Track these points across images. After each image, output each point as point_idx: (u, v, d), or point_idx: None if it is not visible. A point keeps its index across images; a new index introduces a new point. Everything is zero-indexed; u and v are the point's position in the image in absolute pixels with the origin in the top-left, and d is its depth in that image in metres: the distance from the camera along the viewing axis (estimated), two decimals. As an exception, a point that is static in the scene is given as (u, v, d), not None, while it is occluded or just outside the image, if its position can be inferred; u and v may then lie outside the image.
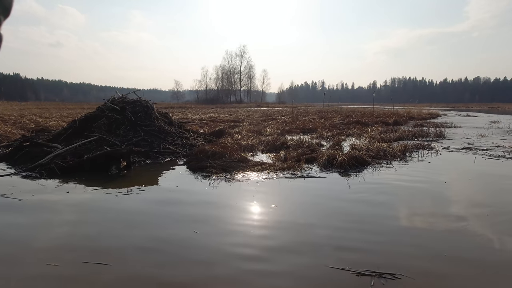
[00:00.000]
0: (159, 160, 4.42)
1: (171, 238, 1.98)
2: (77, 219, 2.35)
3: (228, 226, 2.14)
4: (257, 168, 3.79)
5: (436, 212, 2.42)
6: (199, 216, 2.33)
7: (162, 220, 2.28)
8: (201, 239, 1.94)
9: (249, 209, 2.50)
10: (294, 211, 2.47)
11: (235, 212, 2.43)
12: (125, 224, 2.21)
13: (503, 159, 4.44)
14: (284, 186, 3.14)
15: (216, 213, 2.40)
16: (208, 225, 2.16)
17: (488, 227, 2.10)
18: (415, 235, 2.02)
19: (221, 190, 3.01)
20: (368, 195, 2.85)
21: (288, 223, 2.20)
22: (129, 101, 5.70)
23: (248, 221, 2.24)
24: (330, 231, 2.08)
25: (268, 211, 2.44)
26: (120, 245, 1.87)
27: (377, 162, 4.22)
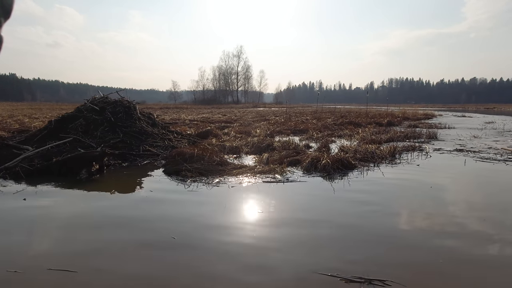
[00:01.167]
0: (137, 163, 4.22)
1: (131, 246, 1.79)
2: (27, 227, 2.15)
3: (196, 235, 1.96)
4: (236, 171, 3.60)
5: (421, 218, 2.24)
6: (160, 226, 2.14)
7: (122, 228, 2.09)
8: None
9: (217, 217, 2.31)
10: (269, 218, 2.28)
11: (203, 221, 2.24)
12: (85, 232, 2.03)
13: (494, 161, 4.28)
14: (261, 191, 2.95)
15: (181, 222, 2.21)
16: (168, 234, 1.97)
17: (479, 233, 1.93)
18: (402, 241, 1.86)
19: (193, 197, 2.81)
20: (351, 200, 2.67)
21: (264, 231, 2.01)
22: (110, 101, 5.50)
23: (217, 229, 2.05)
24: (312, 238, 1.90)
25: (243, 219, 2.26)
26: (82, 252, 1.68)
27: (364, 165, 4.05)
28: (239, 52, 68.35)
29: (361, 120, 11.72)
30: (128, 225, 2.19)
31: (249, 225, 2.17)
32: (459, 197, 2.84)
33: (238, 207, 2.55)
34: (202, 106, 44.49)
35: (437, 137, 6.99)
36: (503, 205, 2.57)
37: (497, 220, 2.24)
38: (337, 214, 2.38)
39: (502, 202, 2.66)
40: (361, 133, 7.20)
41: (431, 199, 2.73)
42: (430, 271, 1.57)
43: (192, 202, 2.68)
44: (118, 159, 4.21)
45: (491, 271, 1.58)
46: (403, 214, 2.37)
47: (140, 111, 5.95)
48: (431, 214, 2.35)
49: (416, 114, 17.26)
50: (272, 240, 1.94)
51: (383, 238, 1.94)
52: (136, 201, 2.75)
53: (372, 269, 1.57)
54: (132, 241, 1.92)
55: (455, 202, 2.67)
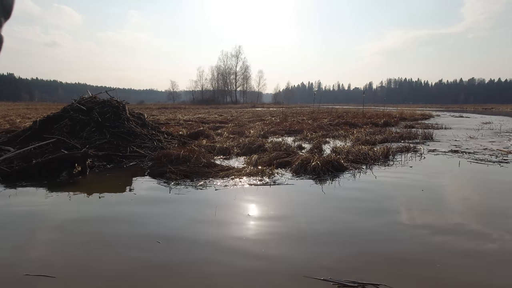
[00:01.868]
0: (123, 165, 4.10)
1: (108, 250, 1.68)
2: None
3: (178, 238, 1.84)
4: (222, 173, 3.49)
5: (409, 223, 2.14)
6: (138, 231, 2.03)
7: (99, 231, 1.98)
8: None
9: (199, 221, 2.20)
10: (253, 223, 2.17)
11: (183, 226, 2.13)
12: (61, 236, 1.94)
13: (489, 163, 4.18)
14: (246, 194, 2.84)
15: (159, 227, 2.10)
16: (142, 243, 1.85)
17: (469, 237, 1.82)
18: (391, 246, 1.77)
19: (175, 200, 2.70)
20: (339, 204, 2.57)
21: (249, 236, 1.90)
22: (98, 101, 5.38)
23: (198, 234, 1.94)
24: (299, 242, 1.80)
25: (225, 223, 2.14)
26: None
27: (355, 167, 3.95)
28: (238, 52, 68.25)
29: (358, 120, 11.63)
30: (106, 229, 2.11)
31: (231, 229, 2.06)
32: (451, 201, 2.74)
33: (221, 211, 2.44)
34: (200, 106, 44.34)
35: (433, 138, 6.90)
36: (495, 210, 2.47)
37: (489, 224, 2.13)
38: (323, 219, 2.27)
39: (494, 207, 2.56)
40: (355, 133, 7.09)
41: (422, 203, 2.63)
42: (424, 275, 1.52)
43: (174, 205, 2.57)
44: (103, 160, 4.09)
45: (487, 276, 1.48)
46: (391, 219, 2.27)
47: (130, 111, 5.83)
48: (421, 219, 2.25)
49: (413, 114, 17.18)
50: (257, 244, 1.83)
51: (370, 243, 1.84)
52: (115, 204, 2.64)
53: (362, 273, 1.51)
54: (109, 245, 1.86)
55: (446, 206, 2.56)
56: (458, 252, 1.76)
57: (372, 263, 1.64)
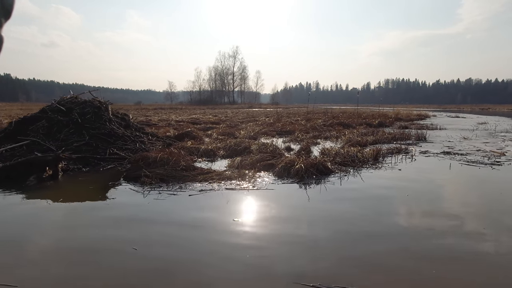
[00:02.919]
0: (100, 168, 3.93)
1: (71, 256, 1.51)
2: None
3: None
4: (201, 177, 3.32)
5: (391, 231, 1.97)
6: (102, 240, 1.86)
7: (64, 237, 1.81)
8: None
9: (164, 228, 2.03)
10: (221, 231, 2.00)
11: (145, 233, 1.96)
12: (23, 242, 1.80)
13: (481, 165, 4.04)
14: (221, 200, 2.67)
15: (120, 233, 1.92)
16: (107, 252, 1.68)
17: (458, 243, 1.67)
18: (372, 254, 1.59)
19: (144, 206, 2.53)
20: (318, 211, 2.41)
21: (217, 245, 1.74)
22: (79, 101, 5.19)
23: (163, 242, 1.77)
24: (267, 253, 1.62)
25: (191, 232, 1.97)
26: None
27: (342, 170, 3.79)
28: (235, 52, 68.14)
29: (352, 121, 11.49)
30: (67, 237, 1.98)
31: (199, 237, 1.89)
32: (436, 206, 2.57)
33: (189, 219, 2.27)
34: (197, 106, 44.15)
35: (426, 139, 6.76)
36: (483, 217, 2.31)
37: (475, 231, 1.98)
38: (297, 228, 2.11)
39: (482, 214, 2.40)
40: (347, 134, 6.94)
41: (403, 209, 2.47)
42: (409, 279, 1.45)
43: (141, 212, 2.40)
44: (79, 163, 3.91)
45: None
46: (370, 227, 2.10)
47: (114, 112, 5.65)
48: (402, 226, 2.08)
49: (409, 115, 17.08)
50: (236, 252, 1.67)
51: (349, 251, 1.67)
52: (80, 209, 2.47)
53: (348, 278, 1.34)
54: (71, 251, 1.77)
55: (430, 213, 2.40)
56: (445, 258, 1.60)
57: (355, 271, 1.48)
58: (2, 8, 0.56)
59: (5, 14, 0.56)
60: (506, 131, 8.94)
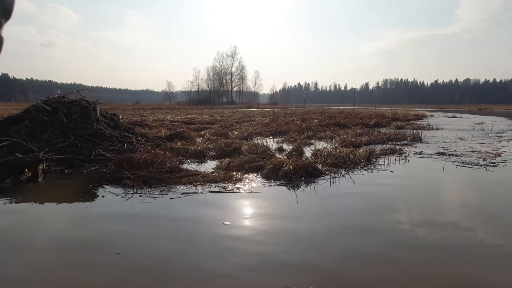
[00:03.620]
0: (83, 169, 3.80)
1: (43, 262, 1.40)
2: None
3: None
4: (185, 179, 3.21)
5: (375, 240, 1.87)
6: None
7: (37, 243, 1.69)
8: None
9: (138, 235, 1.91)
10: (209, 237, 1.89)
11: (113, 239, 1.84)
12: None
13: (475, 167, 3.94)
14: (203, 204, 2.56)
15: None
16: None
17: (442, 252, 1.56)
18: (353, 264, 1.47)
19: (122, 210, 2.42)
20: (303, 216, 2.30)
21: (191, 255, 1.62)
22: (65, 101, 5.07)
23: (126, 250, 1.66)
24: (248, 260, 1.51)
25: (167, 239, 1.86)
26: None
27: (333, 172, 3.68)
28: (233, 52, 68.01)
29: (349, 121, 11.40)
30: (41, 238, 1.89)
31: (170, 242, 1.78)
32: (426, 212, 2.47)
33: (166, 222, 2.16)
34: (195, 106, 44.01)
35: (422, 139, 6.67)
36: (474, 224, 2.21)
37: (463, 241, 1.87)
38: (280, 235, 2.00)
39: (473, 220, 2.30)
40: (342, 135, 6.84)
41: (391, 214, 2.36)
42: None
43: (118, 216, 2.29)
44: (62, 165, 3.79)
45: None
46: (355, 235, 2.00)
47: (102, 112, 5.53)
48: (389, 233, 1.98)
49: (406, 115, 17.00)
50: (221, 259, 1.55)
51: (332, 259, 1.57)
52: (54, 213, 2.35)
53: None
54: (41, 256, 1.67)
55: (418, 219, 2.30)
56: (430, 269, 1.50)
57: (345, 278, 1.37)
58: (2, 8, 0.55)
59: (5, 14, 0.56)
60: (503, 131, 8.87)
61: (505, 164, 4.05)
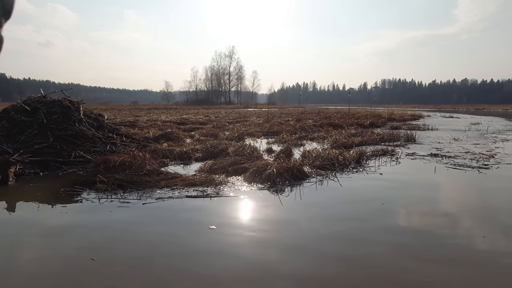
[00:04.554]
0: (60, 172, 3.65)
1: None
2: None
3: None
4: (164, 183, 3.06)
5: (353, 246, 1.73)
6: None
7: None
8: None
9: (96, 243, 1.76)
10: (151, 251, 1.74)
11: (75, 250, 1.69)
12: None
13: (468, 169, 3.81)
14: (177, 209, 2.42)
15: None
16: None
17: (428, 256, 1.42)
18: None
19: (89, 217, 2.27)
20: (281, 223, 2.16)
21: (149, 266, 1.48)
22: (47, 101, 4.90)
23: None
24: None
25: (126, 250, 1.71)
26: None
27: (320, 174, 3.54)
28: (231, 52, 67.81)
29: (344, 121, 11.28)
30: None
31: (138, 249, 1.63)
32: (410, 217, 2.33)
33: (134, 229, 2.01)
34: (192, 106, 43.82)
35: (415, 140, 6.54)
36: (459, 231, 2.07)
37: (448, 247, 1.74)
38: (250, 244, 1.85)
39: (458, 229, 2.16)
40: (334, 135, 6.70)
41: (372, 223, 2.22)
42: None
43: (84, 222, 2.14)
44: (37, 167, 3.63)
45: None
46: (335, 241, 1.85)
47: (87, 112, 5.37)
48: (367, 241, 1.84)
49: (403, 115, 16.91)
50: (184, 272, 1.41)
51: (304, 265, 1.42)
52: (17, 218, 2.20)
53: None
54: None
55: (402, 226, 2.16)
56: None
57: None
58: (2, 8, 0.56)
59: (5, 14, 0.57)
60: (498, 132, 8.77)
61: (498, 166, 3.92)
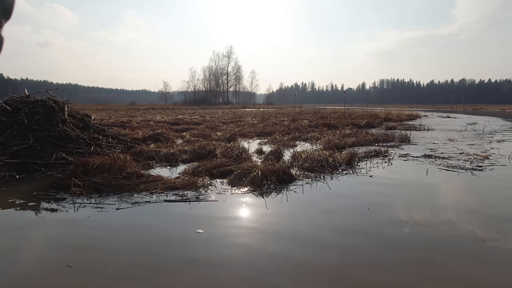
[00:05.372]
0: (37, 175, 3.51)
1: None
2: None
3: None
4: (143, 186, 2.92)
5: (334, 255, 1.60)
6: None
7: None
8: None
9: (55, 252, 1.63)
10: (118, 262, 1.61)
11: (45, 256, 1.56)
12: None
13: (461, 171, 3.69)
14: (152, 215, 2.29)
15: None
16: None
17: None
18: None
19: (58, 223, 2.13)
20: (258, 231, 2.03)
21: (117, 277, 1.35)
22: (29, 101, 4.76)
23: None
24: None
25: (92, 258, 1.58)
26: None
27: (308, 177, 3.42)
28: (229, 52, 67.75)
29: (340, 121, 11.18)
30: None
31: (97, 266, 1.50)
32: (395, 224, 2.21)
33: (101, 237, 1.88)
34: (190, 107, 43.68)
35: (410, 140, 6.43)
36: (446, 241, 1.95)
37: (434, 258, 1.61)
38: (223, 252, 1.73)
39: (445, 238, 2.04)
40: (327, 136, 6.58)
41: (354, 231, 2.10)
42: None
43: (55, 228, 2.01)
44: (14, 169, 3.49)
45: None
46: (316, 249, 1.73)
47: (73, 113, 5.22)
48: (347, 250, 1.71)
49: (400, 115, 16.82)
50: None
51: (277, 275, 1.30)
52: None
53: None
54: None
55: (387, 232, 2.04)
56: None
57: None
58: (2, 8, 0.55)
59: (5, 14, 0.56)
60: (495, 132, 8.67)
61: (493, 168, 3.81)
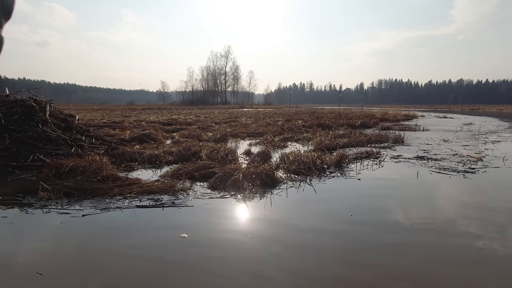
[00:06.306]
0: (10, 178, 3.34)
1: None
2: None
3: None
4: (117, 190, 2.77)
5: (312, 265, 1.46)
6: None
7: None
8: None
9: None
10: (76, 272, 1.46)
11: None
12: None
13: (453, 173, 3.56)
14: (121, 222, 2.14)
15: None
16: None
17: None
18: None
19: (19, 231, 1.98)
20: (237, 239, 1.88)
21: None
22: (8, 100, 4.59)
23: None
24: None
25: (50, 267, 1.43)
26: None
27: (293, 180, 3.28)
28: (227, 52, 67.57)
29: (336, 121, 11.05)
30: None
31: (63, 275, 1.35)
32: (375, 235, 2.07)
33: (60, 246, 1.73)
34: (187, 107, 43.50)
35: (404, 141, 6.30)
36: (431, 250, 1.81)
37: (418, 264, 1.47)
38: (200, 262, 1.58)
39: (431, 247, 1.91)
40: (318, 137, 6.45)
41: (336, 238, 1.96)
42: None
43: (16, 235, 1.85)
44: (-14, 172, 3.32)
45: None
46: (295, 255, 1.58)
47: (54, 113, 5.06)
48: (325, 260, 1.57)
49: (396, 115, 16.74)
50: None
51: None
52: None
53: None
54: None
55: (367, 242, 1.90)
56: None
57: None
58: (2, 8, 0.55)
59: (5, 14, 0.57)
60: (490, 133, 8.57)
61: (486, 170, 3.68)
